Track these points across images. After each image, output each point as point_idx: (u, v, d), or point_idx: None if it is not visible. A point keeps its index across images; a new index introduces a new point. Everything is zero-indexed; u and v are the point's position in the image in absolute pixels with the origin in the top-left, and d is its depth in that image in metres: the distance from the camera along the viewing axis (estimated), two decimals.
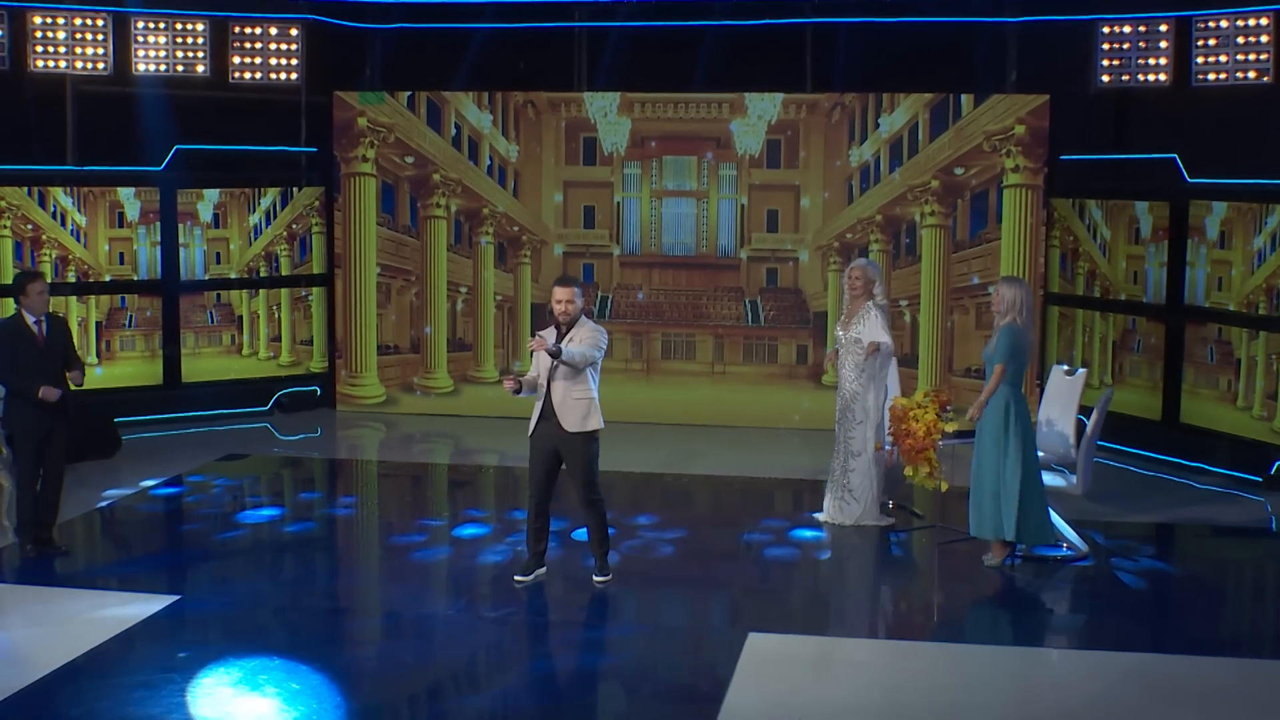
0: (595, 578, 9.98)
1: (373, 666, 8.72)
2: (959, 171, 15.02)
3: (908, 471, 11.01)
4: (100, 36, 14.88)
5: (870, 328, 11.35)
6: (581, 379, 9.79)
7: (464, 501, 13.28)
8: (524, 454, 14.06)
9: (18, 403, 10.52)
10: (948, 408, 11.03)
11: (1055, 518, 10.70)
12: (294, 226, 16.10)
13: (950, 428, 10.88)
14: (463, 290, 16.04)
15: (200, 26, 15.28)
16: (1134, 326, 14.08)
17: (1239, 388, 13.00)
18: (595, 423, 9.82)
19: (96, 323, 15.08)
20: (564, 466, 9.91)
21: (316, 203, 16.16)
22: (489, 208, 15.88)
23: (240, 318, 15.89)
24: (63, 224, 14.86)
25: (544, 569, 10.03)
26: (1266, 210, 12.67)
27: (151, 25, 15.12)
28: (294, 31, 15.66)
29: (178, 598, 9.69)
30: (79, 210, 14.93)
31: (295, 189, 16.06)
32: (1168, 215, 13.68)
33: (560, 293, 9.78)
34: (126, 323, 15.27)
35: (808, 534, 11.54)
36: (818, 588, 10.77)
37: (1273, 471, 12.67)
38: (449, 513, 12.74)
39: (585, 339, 9.75)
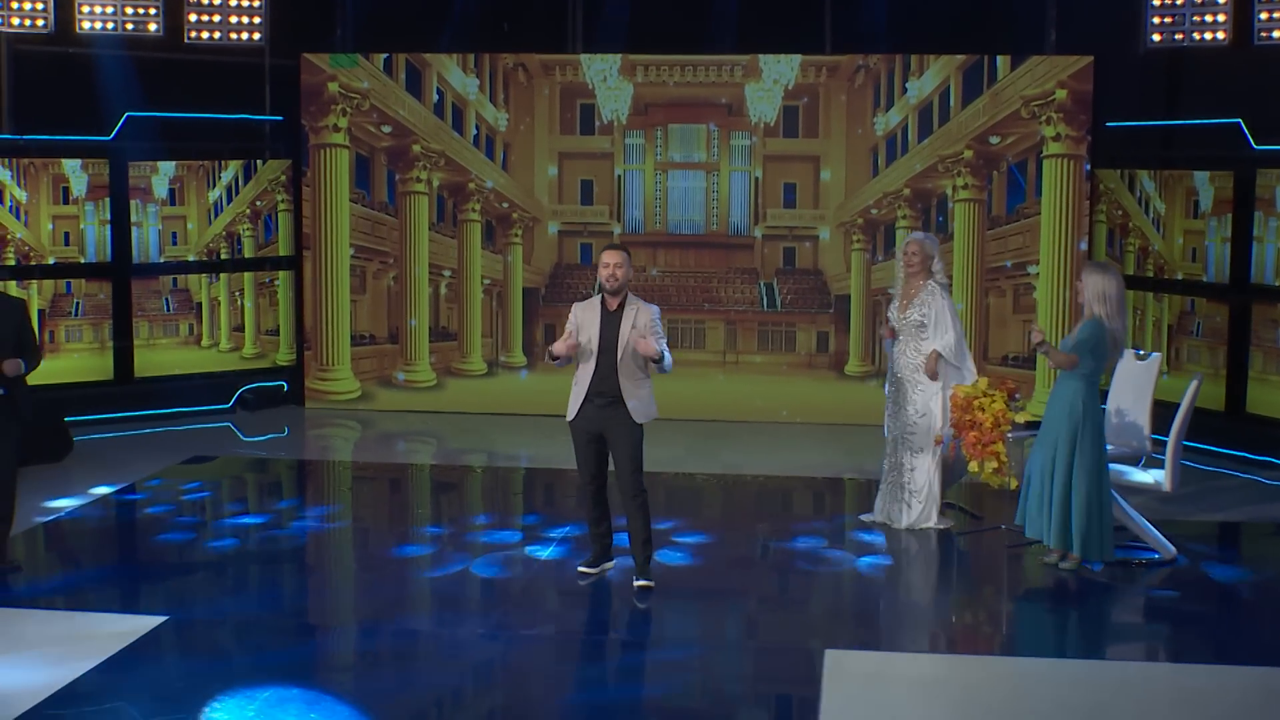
0: (636, 581, 9.61)
1: (403, 693, 8.02)
2: (994, 140, 14.61)
3: (972, 467, 10.50)
4: None
5: (937, 316, 10.86)
6: (643, 367, 9.63)
7: (465, 507, 12.66)
8: (514, 453, 14.12)
9: None
10: (1016, 395, 10.55)
11: (1139, 519, 10.31)
12: (258, 203, 15.49)
13: (1021, 418, 10.42)
14: (446, 274, 15.50)
15: None
16: (1192, 308, 13.67)
17: None
18: (655, 411, 9.70)
19: (39, 310, 14.36)
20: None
21: (283, 177, 15.54)
22: (475, 182, 15.33)
23: (199, 305, 15.26)
24: (0, 200, 14.29)
25: (612, 561, 9.93)
26: None
27: None
28: None
29: (165, 618, 8.98)
30: (18, 184, 14.23)
31: (259, 161, 15.44)
32: (1231, 186, 13.26)
33: (610, 256, 9.59)
34: (73, 310, 14.62)
35: (861, 538, 11.04)
36: (886, 598, 10.12)
37: None
38: (451, 519, 12.07)
39: (656, 330, 9.55)
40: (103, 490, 12.23)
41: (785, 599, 10.08)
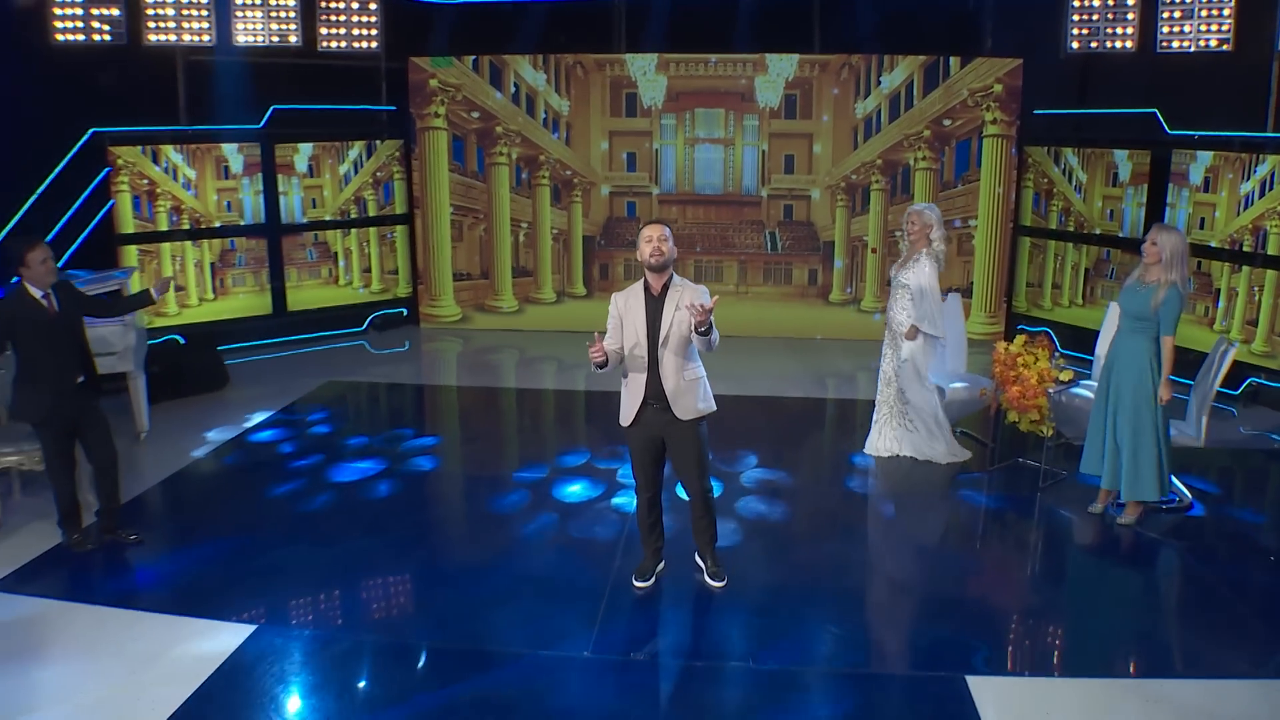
0: (711, 582, 6.37)
1: None
2: (947, 123, 12.22)
3: (1012, 417, 7.90)
4: (205, 12, 11.48)
5: (920, 287, 8.24)
6: (692, 354, 5.94)
7: (559, 439, 9.46)
8: (582, 366, 11.68)
9: (29, 389, 6.63)
10: (1056, 354, 7.98)
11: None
12: (378, 174, 12.92)
13: (1066, 376, 7.79)
14: (524, 226, 13.08)
15: (292, 1, 11.89)
16: (1108, 256, 11.43)
17: (1215, 313, 10.48)
18: (708, 405, 6.06)
19: (210, 263, 11.98)
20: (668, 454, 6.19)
21: (397, 153, 12.95)
22: (545, 155, 12.86)
23: (335, 254, 12.76)
24: (174, 178, 11.69)
25: (663, 563, 6.54)
26: (1256, 160, 10.05)
27: (249, 1, 11.75)
28: (373, 5, 12.28)
29: (254, 628, 5.89)
30: (188, 165, 11.72)
31: (378, 142, 12.81)
32: (1148, 163, 10.92)
33: (652, 230, 5.83)
34: (237, 262, 12.13)
35: (906, 477, 8.07)
36: (978, 581, 6.61)
37: (1242, 389, 10.30)
38: (548, 458, 8.70)
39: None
40: (248, 423, 9.56)
41: (880, 579, 6.67)
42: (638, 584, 6.37)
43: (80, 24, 11.08)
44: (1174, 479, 7.64)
